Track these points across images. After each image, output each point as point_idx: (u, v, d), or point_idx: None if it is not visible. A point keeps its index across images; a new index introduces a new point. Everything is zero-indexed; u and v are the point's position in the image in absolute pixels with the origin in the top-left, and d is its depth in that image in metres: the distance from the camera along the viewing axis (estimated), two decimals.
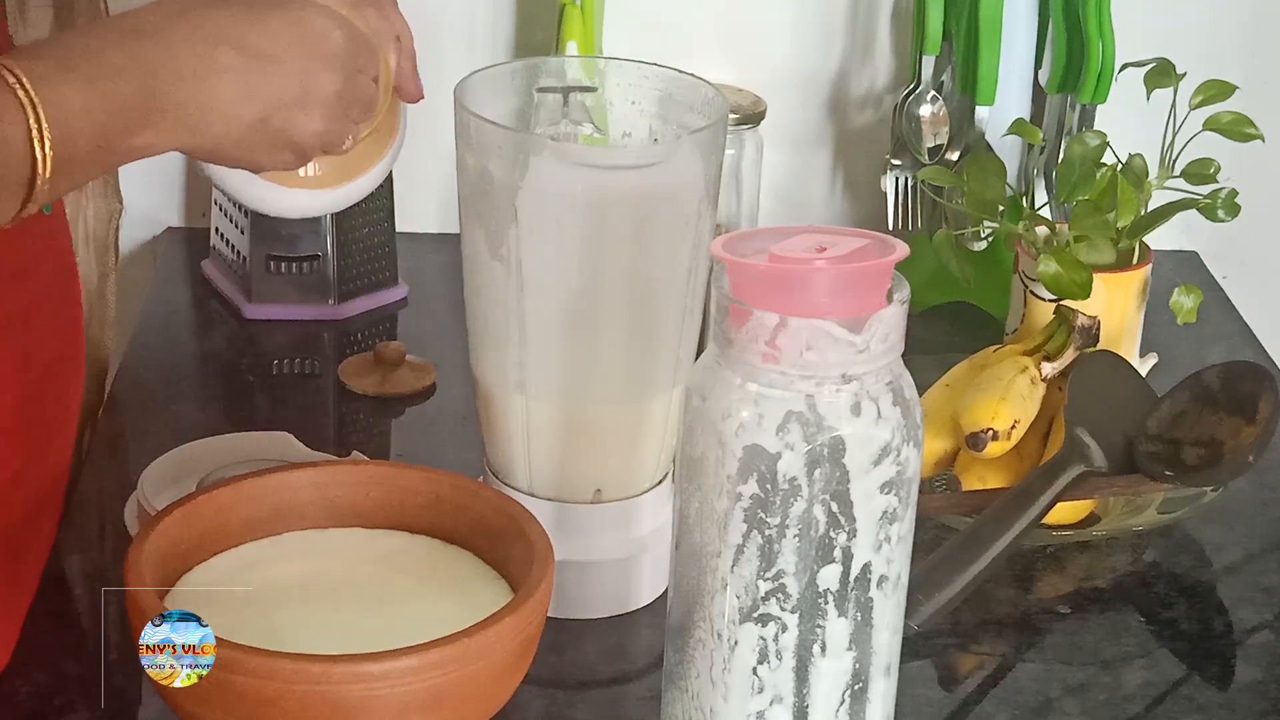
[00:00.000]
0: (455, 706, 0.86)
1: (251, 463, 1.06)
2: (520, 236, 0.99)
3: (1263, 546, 1.19)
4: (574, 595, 1.04)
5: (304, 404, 1.35)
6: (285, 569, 0.94)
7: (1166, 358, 1.32)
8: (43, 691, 0.99)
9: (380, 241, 1.46)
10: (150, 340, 1.41)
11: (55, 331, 1.11)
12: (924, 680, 1.04)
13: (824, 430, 0.79)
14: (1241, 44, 1.55)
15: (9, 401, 1.06)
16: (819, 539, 0.80)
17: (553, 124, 1.04)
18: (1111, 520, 1.17)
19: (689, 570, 0.84)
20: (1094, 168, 1.25)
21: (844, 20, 1.55)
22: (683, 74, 1.05)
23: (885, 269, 0.79)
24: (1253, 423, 1.12)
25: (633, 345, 1.03)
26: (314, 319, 1.42)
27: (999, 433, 1.13)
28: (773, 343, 0.78)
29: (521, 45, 1.51)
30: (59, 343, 1.12)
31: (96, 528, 1.14)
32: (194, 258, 1.51)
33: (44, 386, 1.10)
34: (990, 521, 1.06)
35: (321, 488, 0.98)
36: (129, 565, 0.88)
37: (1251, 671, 1.07)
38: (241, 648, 0.83)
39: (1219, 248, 1.58)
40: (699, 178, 1.00)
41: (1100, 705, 1.03)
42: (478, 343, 1.05)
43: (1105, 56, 1.38)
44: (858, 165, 1.58)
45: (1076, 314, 1.19)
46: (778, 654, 0.82)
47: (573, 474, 1.05)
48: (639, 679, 1.03)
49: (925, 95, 1.45)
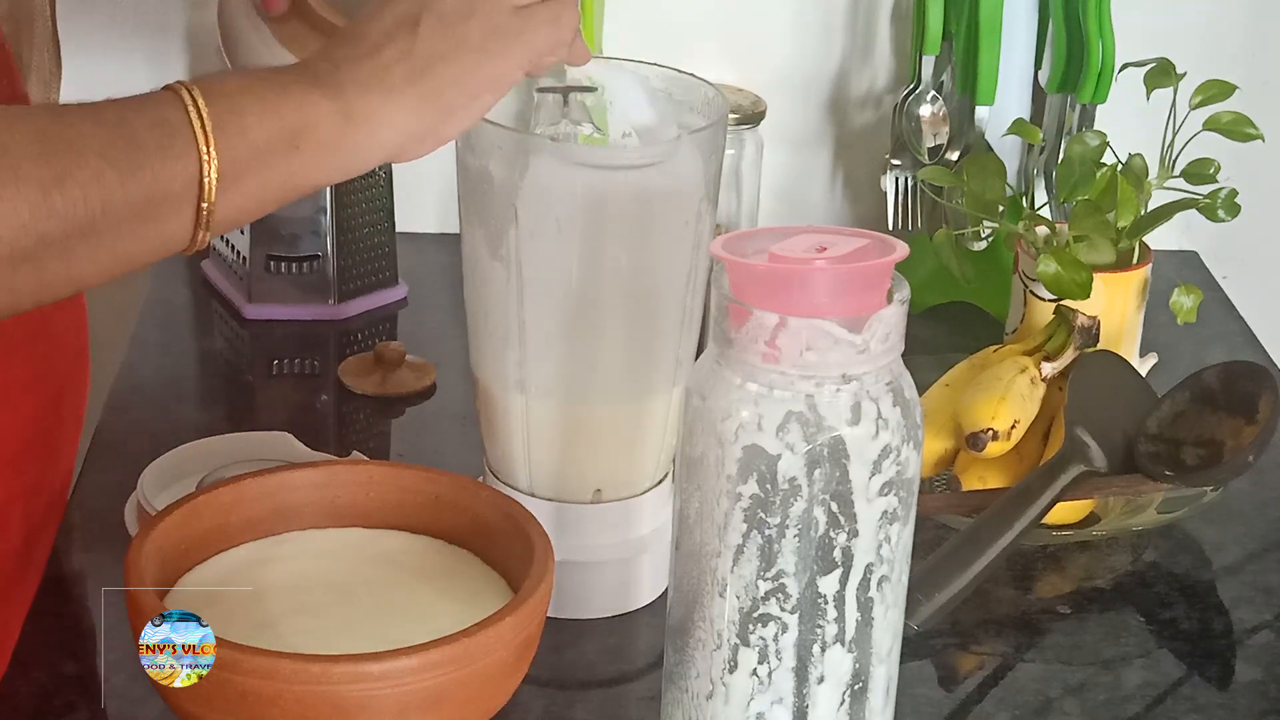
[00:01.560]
0: (455, 706, 0.86)
1: (251, 463, 1.06)
2: (520, 236, 0.99)
3: (1262, 546, 1.19)
4: (574, 595, 1.04)
5: (304, 404, 1.35)
6: (285, 569, 0.94)
7: (1166, 358, 1.32)
8: (43, 691, 0.99)
9: (380, 241, 1.46)
10: (150, 340, 1.41)
11: (70, 342, 1.11)
12: (924, 680, 1.04)
13: (824, 430, 0.79)
14: (1241, 44, 1.55)
15: (27, 412, 1.05)
16: (819, 539, 0.80)
17: (553, 124, 1.04)
18: (1111, 520, 1.17)
19: (689, 570, 0.84)
20: (1094, 168, 1.25)
21: (844, 20, 1.55)
22: (683, 74, 1.05)
23: (885, 269, 0.79)
24: (1253, 423, 1.12)
25: (633, 345, 1.03)
26: (314, 319, 1.42)
27: (999, 433, 1.13)
28: (773, 343, 0.78)
29: None
30: (73, 353, 1.12)
31: (96, 528, 1.14)
32: (194, 258, 1.51)
33: (61, 395, 1.09)
34: (990, 521, 1.06)
35: (321, 488, 0.98)
36: (129, 565, 0.88)
37: (1251, 671, 1.07)
38: (241, 648, 0.83)
39: (1219, 248, 1.58)
40: (699, 178, 1.00)
41: (1100, 705, 1.03)
42: (478, 343, 1.05)
43: (1105, 56, 1.38)
44: (858, 165, 1.58)
45: (1076, 314, 1.19)
46: (778, 654, 0.82)
47: (573, 474, 1.05)
48: (639, 679, 1.03)
49: (925, 95, 1.45)
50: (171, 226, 0.81)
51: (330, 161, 0.86)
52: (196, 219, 0.81)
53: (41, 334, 1.06)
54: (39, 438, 1.07)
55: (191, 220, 0.81)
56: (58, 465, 1.11)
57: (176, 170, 0.80)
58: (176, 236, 0.81)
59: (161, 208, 0.80)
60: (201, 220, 0.81)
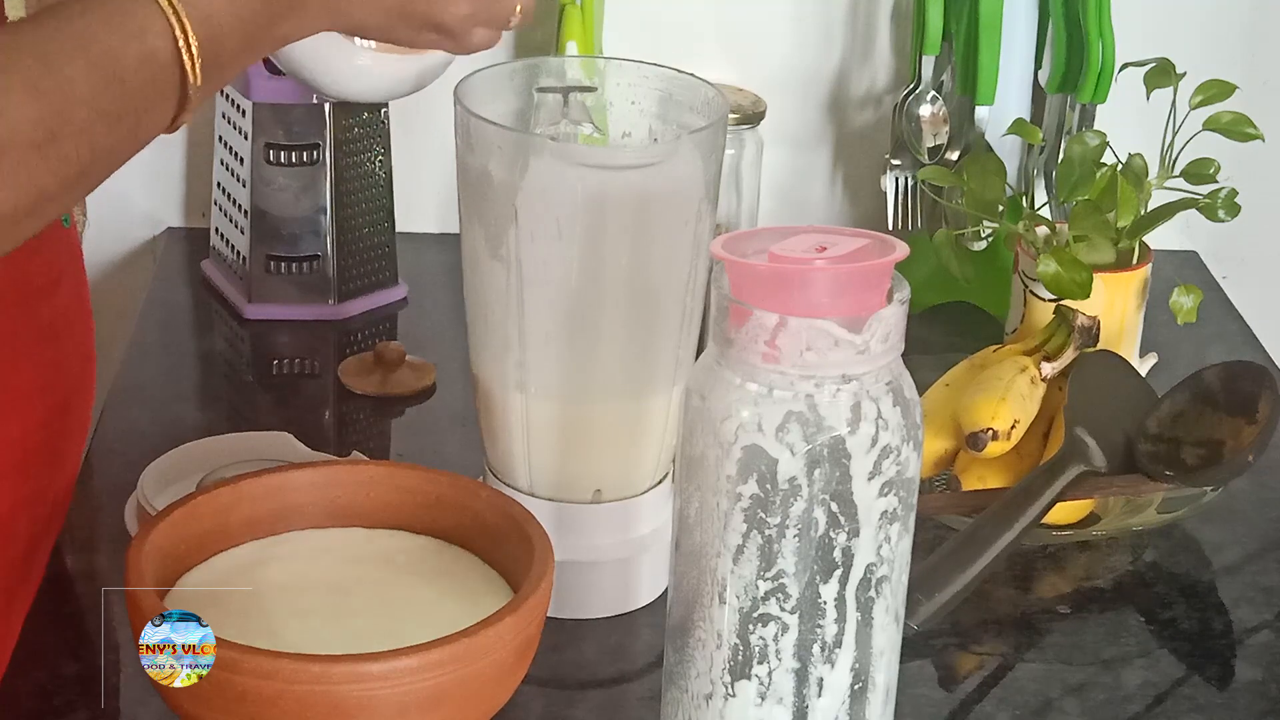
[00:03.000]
0: (456, 706, 0.86)
1: (251, 463, 1.06)
2: (520, 236, 0.99)
3: (1262, 546, 1.19)
4: (574, 595, 1.04)
5: (304, 404, 1.35)
6: (285, 569, 0.94)
7: (1166, 358, 1.32)
8: (43, 691, 0.99)
9: (380, 241, 1.46)
10: (150, 340, 1.41)
11: (78, 347, 1.11)
12: (924, 680, 1.04)
13: (824, 430, 0.79)
14: (1241, 44, 1.55)
15: (36, 418, 1.05)
16: (819, 539, 0.80)
17: (553, 124, 1.05)
18: (1111, 520, 1.17)
19: (689, 570, 0.84)
20: (1094, 168, 1.25)
21: (844, 20, 1.55)
22: (683, 74, 1.05)
23: (885, 269, 0.79)
24: (1253, 423, 1.12)
25: (633, 345, 1.03)
26: (314, 319, 1.42)
27: (999, 433, 1.13)
28: (773, 343, 0.78)
29: (521, 45, 1.51)
30: (81, 359, 1.12)
31: (96, 528, 1.14)
32: (194, 258, 1.51)
33: (69, 402, 1.09)
34: (990, 521, 1.06)
35: (321, 488, 0.98)
36: (129, 565, 0.88)
37: (1251, 671, 1.07)
38: (241, 648, 0.83)
39: (1219, 248, 1.58)
40: (699, 178, 1.00)
41: (1100, 705, 1.03)
42: (478, 343, 1.05)
43: (1105, 56, 1.38)
44: (858, 165, 1.58)
45: (1076, 314, 1.19)
46: (777, 654, 0.82)
47: (573, 474, 1.05)
48: (639, 679, 1.03)
49: (925, 95, 1.45)
50: (152, 135, 0.85)
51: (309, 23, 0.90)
52: (174, 122, 0.85)
53: (51, 338, 1.06)
54: (46, 444, 1.07)
55: (169, 122, 0.85)
56: (63, 471, 1.11)
57: (163, 107, 0.84)
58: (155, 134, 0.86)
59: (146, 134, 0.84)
60: (179, 121, 0.85)
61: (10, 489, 1.03)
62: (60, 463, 1.10)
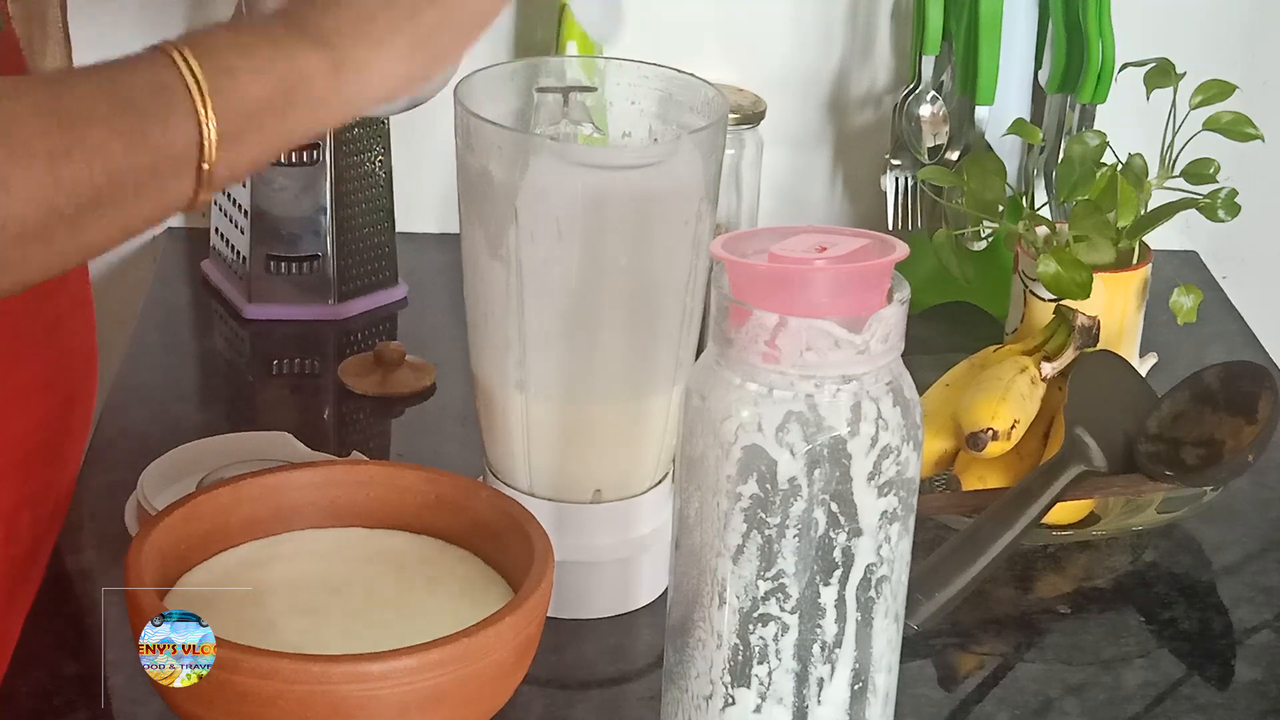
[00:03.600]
0: (455, 706, 0.86)
1: (251, 463, 1.06)
2: (520, 236, 0.99)
3: (1262, 546, 1.19)
4: (574, 595, 1.04)
5: (304, 404, 1.35)
6: (285, 569, 0.94)
7: (1166, 358, 1.32)
8: (43, 691, 0.99)
9: (380, 241, 1.46)
10: (150, 340, 1.41)
11: (79, 344, 1.11)
12: (924, 680, 1.04)
13: (824, 430, 0.79)
14: (1241, 44, 1.55)
15: (38, 416, 1.05)
16: (819, 539, 0.80)
17: (553, 124, 1.04)
18: (1111, 520, 1.17)
19: (689, 570, 0.84)
20: (1094, 168, 1.25)
21: (844, 20, 1.55)
22: (683, 74, 1.05)
23: (885, 269, 0.79)
24: (1253, 423, 1.12)
25: (633, 345, 1.03)
26: (314, 319, 1.42)
27: (999, 433, 1.13)
28: (773, 343, 0.78)
29: (521, 45, 1.51)
30: (83, 357, 1.12)
31: (96, 528, 1.14)
32: (194, 258, 1.51)
33: (71, 400, 1.09)
34: (990, 521, 1.06)
35: (321, 488, 0.98)
36: (129, 565, 0.88)
37: (1251, 671, 1.07)
38: (241, 648, 0.83)
39: (1219, 248, 1.58)
40: (699, 178, 1.00)
41: (1100, 705, 1.03)
42: (478, 343, 1.05)
43: (1105, 56, 1.38)
44: (858, 165, 1.58)
45: (1076, 314, 1.19)
46: (777, 654, 0.82)
47: (572, 474, 1.05)
48: (639, 679, 1.03)
49: (925, 95, 1.45)
50: (174, 188, 0.81)
51: (325, 113, 0.86)
52: (198, 179, 0.81)
53: (54, 334, 1.06)
54: (48, 443, 1.07)
55: (193, 180, 0.81)
56: (65, 470, 1.11)
57: (177, 135, 0.80)
58: (179, 197, 0.82)
59: (164, 172, 0.80)
60: (203, 179, 0.81)
61: (13, 487, 1.03)
62: (62, 461, 1.10)
